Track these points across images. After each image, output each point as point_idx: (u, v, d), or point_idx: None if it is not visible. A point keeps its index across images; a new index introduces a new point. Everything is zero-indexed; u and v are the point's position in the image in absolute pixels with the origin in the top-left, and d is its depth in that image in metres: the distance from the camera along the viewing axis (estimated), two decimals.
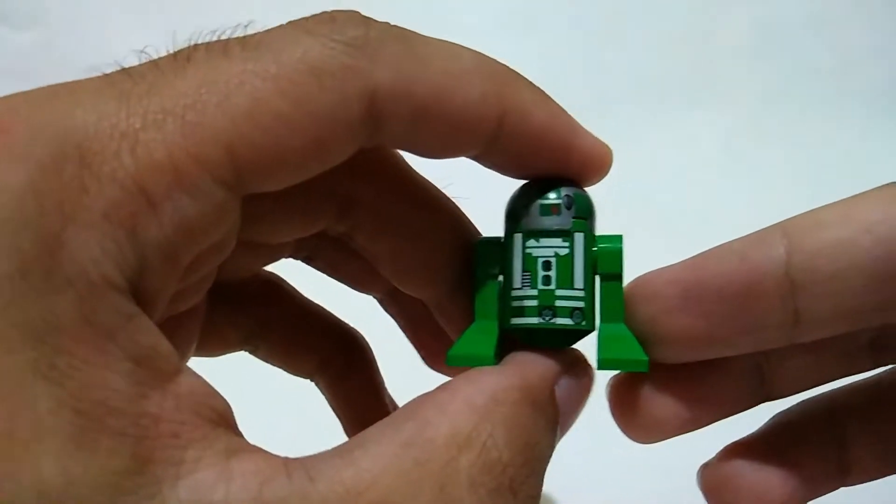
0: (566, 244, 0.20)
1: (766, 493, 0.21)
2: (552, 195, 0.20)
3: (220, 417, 0.16)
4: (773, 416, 0.23)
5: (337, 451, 0.16)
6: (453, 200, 0.23)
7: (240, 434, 0.16)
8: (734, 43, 0.55)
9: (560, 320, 0.20)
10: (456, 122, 0.18)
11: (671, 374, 0.20)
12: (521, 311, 0.20)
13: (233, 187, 0.16)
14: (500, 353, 0.20)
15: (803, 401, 0.23)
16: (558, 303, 0.19)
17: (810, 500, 0.22)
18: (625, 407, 0.21)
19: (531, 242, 0.20)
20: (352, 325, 0.27)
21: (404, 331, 0.26)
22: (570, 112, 0.20)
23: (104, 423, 0.14)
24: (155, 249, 0.15)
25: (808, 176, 0.49)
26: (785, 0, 0.56)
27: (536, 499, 0.17)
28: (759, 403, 0.22)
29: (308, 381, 0.27)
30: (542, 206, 0.20)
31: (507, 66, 0.19)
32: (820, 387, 0.22)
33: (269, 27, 0.17)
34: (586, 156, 0.20)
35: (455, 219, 0.23)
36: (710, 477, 0.22)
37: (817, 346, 0.21)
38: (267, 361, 0.26)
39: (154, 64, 0.16)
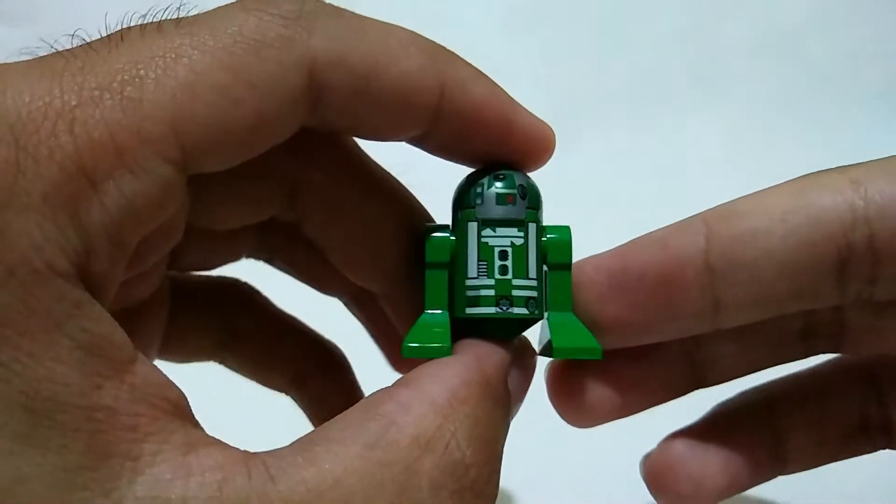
0: (521, 234, 0.20)
1: (705, 479, 0.21)
2: (507, 185, 0.20)
3: (176, 408, 0.15)
4: (714, 406, 0.23)
5: (298, 448, 0.15)
6: (406, 188, 0.22)
7: (197, 425, 0.16)
8: (735, 43, 0.55)
9: (516, 310, 0.19)
10: (396, 93, 0.18)
11: (605, 362, 0.20)
12: (477, 301, 0.19)
13: (178, 164, 0.15)
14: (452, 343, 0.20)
15: (743, 391, 0.23)
16: (515, 292, 0.19)
17: (749, 486, 0.22)
18: (562, 393, 0.22)
19: (487, 231, 0.19)
20: (332, 330, 0.26)
21: (370, 333, 0.26)
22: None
23: (55, 419, 0.13)
24: (100, 232, 0.14)
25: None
26: (786, 0, 0.56)
27: (496, 496, 0.17)
28: (692, 390, 0.23)
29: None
30: (499, 195, 0.19)
31: (443, 45, 0.19)
32: (753, 374, 0.23)
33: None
34: (528, 134, 0.19)
35: (407, 207, 0.22)
36: (652, 465, 0.22)
37: (746, 333, 0.21)
38: (239, 373, 0.26)
39: (87, 45, 0.16)
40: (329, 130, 0.19)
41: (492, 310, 0.19)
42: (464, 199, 0.20)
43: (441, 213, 0.22)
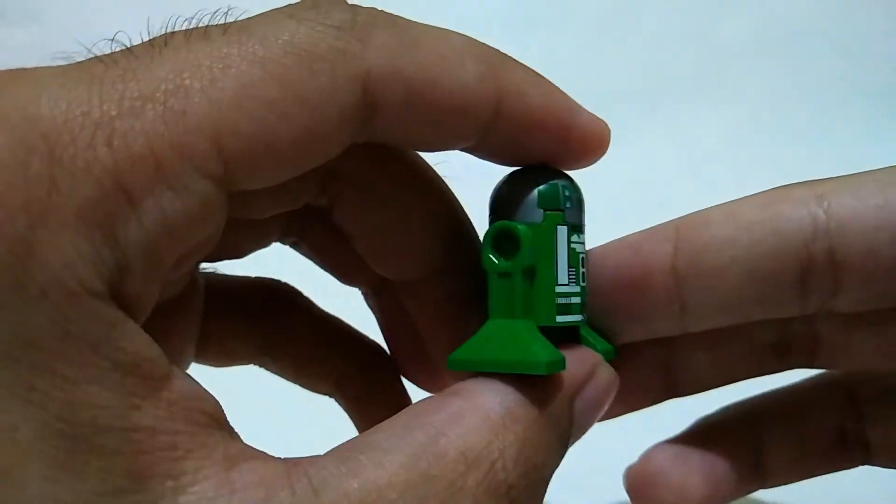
0: (583, 242, 0.20)
1: (687, 490, 0.22)
2: (578, 190, 0.19)
3: (213, 420, 0.15)
4: (696, 420, 0.24)
5: (341, 457, 0.15)
6: (443, 179, 0.21)
7: (235, 435, 0.15)
8: (736, 42, 0.55)
9: (586, 317, 0.20)
10: (452, 104, 0.17)
11: None
12: (568, 309, 0.19)
13: (220, 181, 0.14)
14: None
15: (725, 406, 0.24)
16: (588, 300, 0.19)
17: (730, 500, 0.22)
18: None
19: (575, 237, 0.19)
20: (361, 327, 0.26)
21: (382, 330, 0.25)
22: None
23: (93, 443, 0.13)
24: (136, 250, 0.14)
25: (810, 175, 0.49)
26: (786, 0, 0.56)
27: None
28: (666, 399, 0.23)
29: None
30: (580, 201, 0.19)
31: (497, 49, 0.18)
32: (733, 387, 0.23)
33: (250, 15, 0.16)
34: (587, 135, 0.19)
35: (442, 199, 0.21)
36: (634, 476, 0.22)
37: (718, 343, 0.22)
38: (282, 377, 0.25)
39: (128, 50, 0.15)
40: (383, 142, 0.18)
41: (579, 318, 0.19)
42: (549, 199, 0.19)
43: (474, 205, 0.22)
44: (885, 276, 0.18)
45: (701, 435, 0.23)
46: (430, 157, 0.21)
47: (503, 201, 0.19)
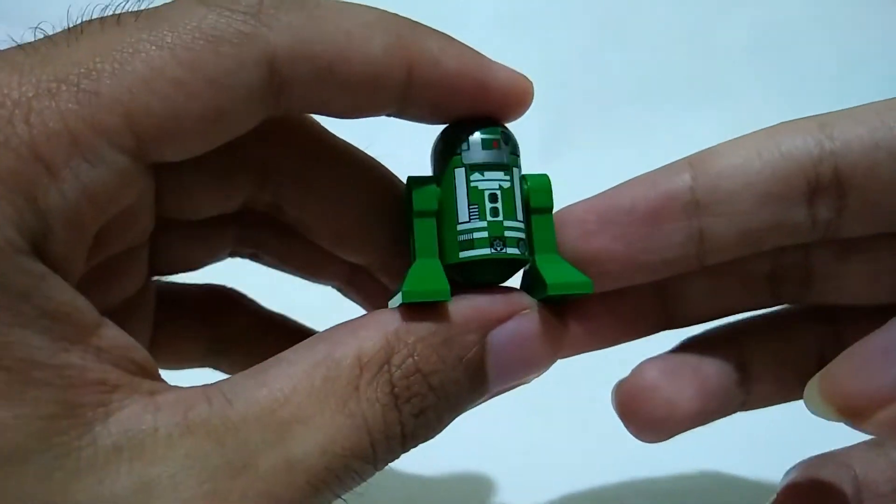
0: (507, 177, 0.20)
1: (679, 405, 0.22)
2: (490, 131, 0.20)
3: (143, 369, 0.17)
4: (683, 340, 0.24)
5: (253, 372, 0.17)
6: (376, 159, 0.22)
7: (162, 380, 0.17)
8: (735, 43, 0.55)
9: (510, 250, 0.19)
10: (362, 78, 0.18)
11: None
12: (471, 244, 0.19)
13: (134, 154, 0.16)
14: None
15: (712, 327, 0.24)
16: (507, 234, 0.19)
17: (717, 417, 0.22)
18: None
19: (476, 176, 0.20)
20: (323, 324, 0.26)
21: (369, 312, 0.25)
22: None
23: (29, 375, 0.15)
24: (58, 215, 0.15)
25: None
26: (786, 0, 0.56)
27: (423, 418, 0.18)
28: (661, 330, 0.23)
29: None
30: (484, 140, 0.20)
31: (409, 19, 0.19)
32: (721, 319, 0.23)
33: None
34: (505, 90, 0.19)
35: (381, 177, 0.22)
36: (625, 392, 0.22)
37: (715, 272, 0.22)
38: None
39: (48, 38, 0.16)
40: (297, 112, 0.19)
41: (487, 251, 0.19)
42: (448, 147, 0.20)
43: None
44: (884, 193, 0.19)
45: (688, 352, 0.23)
46: (359, 141, 0.23)
47: (431, 158, 0.21)
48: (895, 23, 0.55)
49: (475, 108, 0.20)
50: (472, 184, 0.20)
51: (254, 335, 0.26)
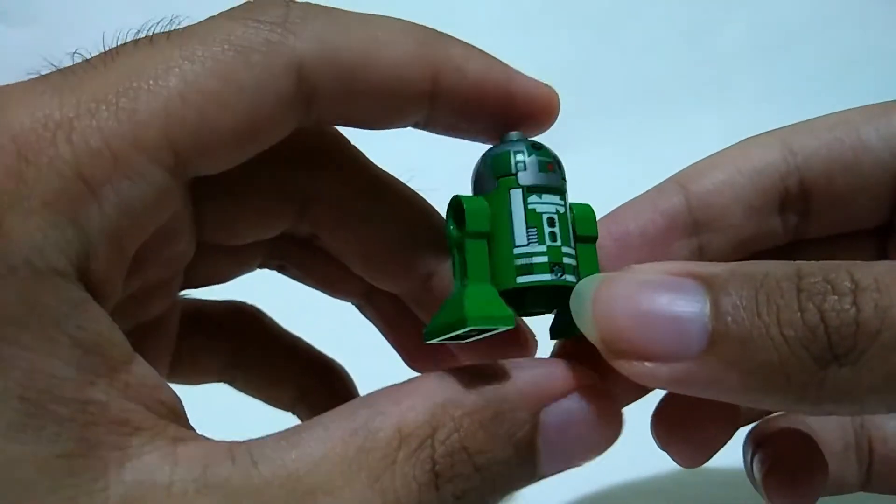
0: (562, 202, 0.19)
1: (712, 424, 0.22)
2: (545, 153, 0.19)
3: (169, 410, 0.16)
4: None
5: (284, 434, 0.16)
6: (415, 191, 0.23)
7: (189, 425, 0.16)
8: (735, 43, 0.55)
9: (568, 277, 0.19)
10: (388, 84, 0.18)
11: None
12: (530, 269, 0.18)
13: (173, 169, 0.16)
14: None
15: None
16: (564, 259, 0.19)
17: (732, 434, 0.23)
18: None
19: (533, 198, 0.19)
20: (339, 340, 0.26)
21: (384, 333, 0.26)
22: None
23: (48, 409, 0.14)
24: (99, 234, 0.15)
25: None
26: (785, 0, 0.56)
27: (465, 501, 0.16)
28: None
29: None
30: (540, 162, 0.19)
31: (434, 29, 0.19)
32: None
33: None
34: (531, 100, 0.20)
35: (420, 209, 0.22)
36: (662, 418, 0.23)
37: None
38: (246, 393, 0.26)
39: (86, 61, 0.17)
40: (328, 124, 0.19)
41: (547, 276, 0.18)
42: (500, 165, 0.19)
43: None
44: (841, 199, 0.22)
45: None
46: (402, 173, 0.23)
47: (474, 179, 0.20)
48: (895, 23, 0.55)
49: (501, 118, 0.20)
50: (530, 206, 0.19)
51: (269, 354, 0.26)
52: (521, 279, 0.18)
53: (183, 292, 0.23)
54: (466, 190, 0.20)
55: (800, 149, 0.22)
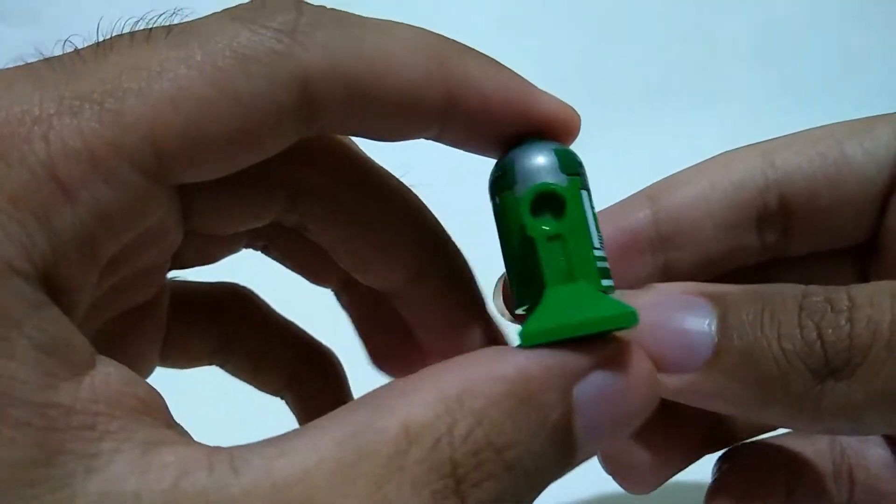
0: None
1: (659, 451, 0.22)
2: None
3: (145, 405, 0.15)
4: None
5: (274, 440, 0.14)
6: (409, 187, 0.22)
7: (170, 424, 0.15)
8: (735, 43, 0.55)
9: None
10: (399, 102, 0.17)
11: None
12: (607, 273, 0.17)
13: (155, 176, 0.15)
14: None
15: None
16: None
17: (688, 464, 0.23)
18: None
19: (592, 201, 0.18)
20: (331, 328, 0.26)
21: (355, 324, 0.25)
22: None
23: (6, 413, 0.13)
24: (70, 238, 0.14)
25: None
26: (785, 0, 0.56)
27: None
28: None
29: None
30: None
31: (452, 40, 0.18)
32: None
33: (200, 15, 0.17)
34: (549, 120, 0.19)
35: (411, 205, 0.22)
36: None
37: None
38: (236, 376, 0.26)
39: (76, 53, 0.16)
40: (332, 133, 0.19)
41: (611, 282, 0.17)
42: (568, 163, 0.18)
43: (444, 210, 0.22)
44: (822, 216, 0.21)
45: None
46: (396, 168, 0.22)
47: (516, 171, 0.18)
48: (895, 23, 0.55)
49: (516, 135, 0.19)
50: (594, 209, 0.18)
51: (260, 338, 0.25)
52: (604, 283, 0.17)
53: (171, 273, 0.23)
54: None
55: (781, 163, 0.21)
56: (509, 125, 0.18)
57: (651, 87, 0.54)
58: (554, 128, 0.18)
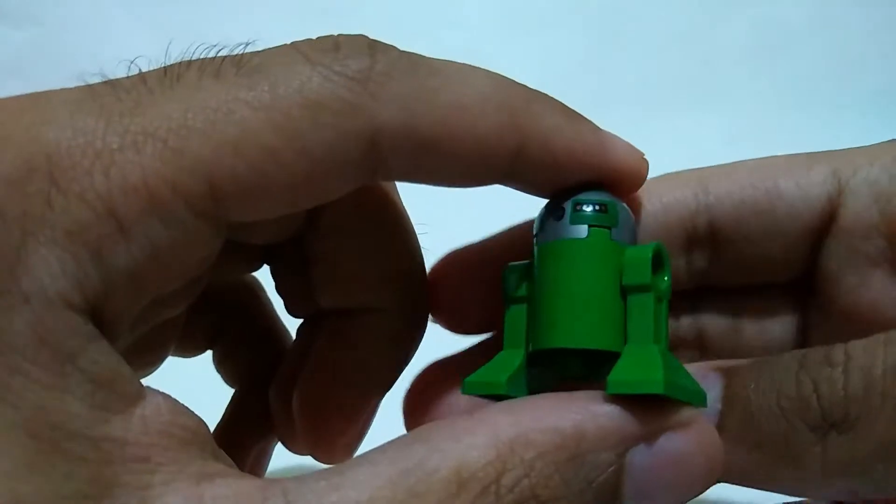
0: None
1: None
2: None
3: (193, 435, 0.15)
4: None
5: (327, 472, 0.14)
6: (411, 224, 0.22)
7: (218, 454, 0.15)
8: (735, 43, 0.55)
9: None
10: (467, 157, 0.17)
11: None
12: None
13: (211, 218, 0.15)
14: (532, 385, 0.18)
15: None
16: None
17: None
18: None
19: None
20: None
21: (289, 354, 0.24)
22: None
23: (61, 447, 0.13)
24: (122, 274, 0.14)
25: None
26: (785, 1, 0.56)
27: None
28: None
29: None
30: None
31: (527, 89, 0.18)
32: None
33: (270, 46, 0.16)
34: (619, 174, 0.18)
35: (406, 242, 0.21)
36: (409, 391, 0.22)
37: None
38: (213, 360, 0.26)
39: (142, 79, 0.15)
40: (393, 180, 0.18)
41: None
42: (610, 218, 0.18)
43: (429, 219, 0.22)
44: (749, 246, 0.21)
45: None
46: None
47: (620, 215, 0.18)
48: (895, 23, 0.55)
49: (589, 183, 0.18)
50: None
51: (241, 332, 0.25)
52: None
53: None
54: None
55: (714, 188, 0.21)
56: (579, 176, 0.18)
57: (651, 87, 0.54)
58: (622, 178, 0.18)
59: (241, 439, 0.25)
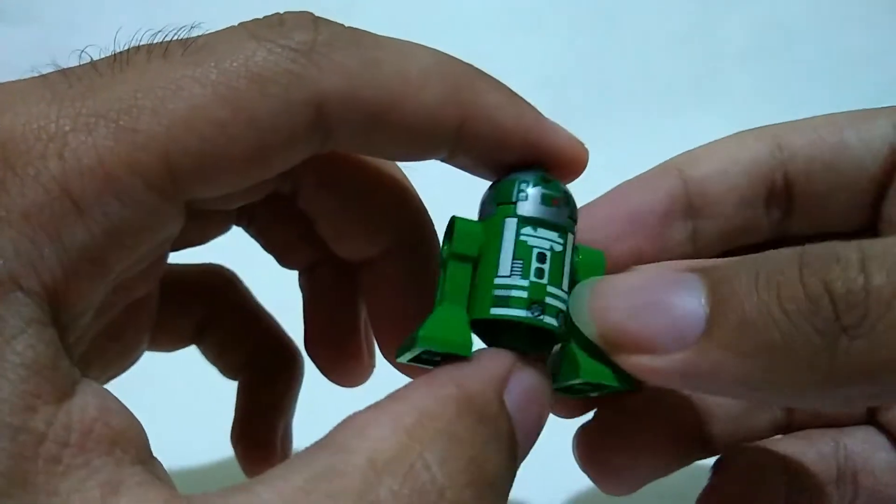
0: (561, 241, 0.18)
1: (641, 451, 0.22)
2: (553, 187, 0.18)
3: (117, 436, 0.14)
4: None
5: (237, 488, 0.14)
6: (402, 171, 0.22)
7: (139, 457, 0.15)
8: (735, 43, 0.55)
9: (547, 319, 0.18)
10: (411, 128, 0.17)
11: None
12: (507, 302, 0.17)
13: (168, 194, 0.15)
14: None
15: None
16: (548, 300, 0.18)
17: (673, 469, 0.23)
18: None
19: (527, 230, 0.18)
20: None
21: (305, 307, 0.25)
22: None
23: None
24: (82, 255, 0.14)
25: None
26: (785, 1, 0.56)
27: None
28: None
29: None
30: (545, 195, 0.18)
31: (470, 66, 0.18)
32: None
33: (218, 28, 0.17)
34: (558, 155, 0.19)
35: (399, 183, 0.22)
36: (585, 437, 0.23)
37: None
38: (205, 356, 0.26)
39: (92, 66, 0.16)
40: (343, 151, 0.19)
41: (522, 313, 0.17)
42: (502, 192, 0.18)
43: (430, 195, 0.22)
44: (819, 198, 0.22)
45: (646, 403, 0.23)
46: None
47: (480, 203, 0.19)
48: (895, 23, 0.55)
49: (523, 164, 0.19)
50: (522, 238, 0.18)
51: (232, 322, 0.26)
52: (495, 310, 0.18)
53: None
54: (458, 204, 0.20)
55: (786, 145, 0.22)
56: (518, 154, 0.19)
57: (651, 87, 0.54)
58: (560, 162, 0.19)
59: (263, 425, 0.25)
